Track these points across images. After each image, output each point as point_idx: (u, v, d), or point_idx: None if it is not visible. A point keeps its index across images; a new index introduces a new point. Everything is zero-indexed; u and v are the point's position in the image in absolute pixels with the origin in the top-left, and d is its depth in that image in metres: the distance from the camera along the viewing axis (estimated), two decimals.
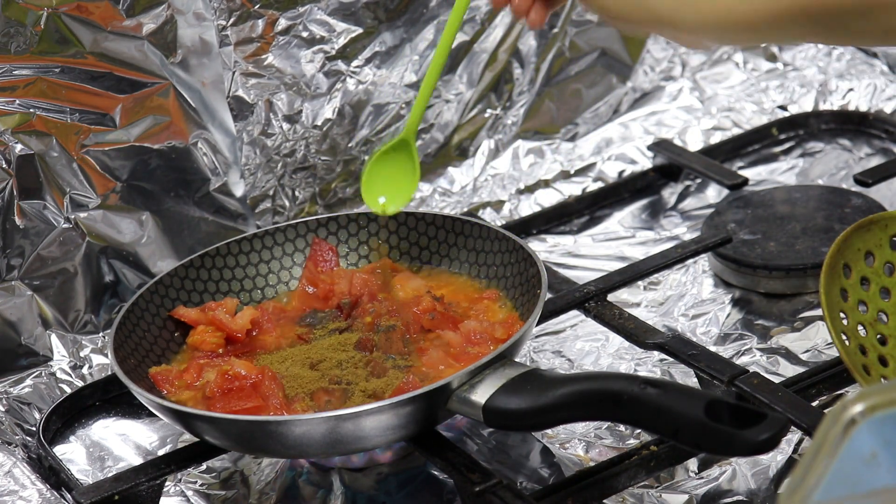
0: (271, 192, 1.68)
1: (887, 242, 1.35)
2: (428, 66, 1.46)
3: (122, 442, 1.43)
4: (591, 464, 1.31)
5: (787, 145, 1.84)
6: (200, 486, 1.36)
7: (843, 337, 1.29)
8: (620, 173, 1.80)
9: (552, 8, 1.39)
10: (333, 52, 1.67)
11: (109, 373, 1.50)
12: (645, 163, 1.81)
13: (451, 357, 1.33)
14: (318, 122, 1.68)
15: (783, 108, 1.89)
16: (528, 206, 1.76)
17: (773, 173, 1.78)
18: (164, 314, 1.42)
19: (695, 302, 1.54)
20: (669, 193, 1.76)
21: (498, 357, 1.24)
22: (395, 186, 1.46)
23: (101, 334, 1.56)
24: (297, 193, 1.69)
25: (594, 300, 1.48)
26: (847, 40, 1.32)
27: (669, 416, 1.12)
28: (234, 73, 1.60)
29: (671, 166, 1.78)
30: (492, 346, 1.32)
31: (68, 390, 1.49)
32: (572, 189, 1.78)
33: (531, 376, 1.21)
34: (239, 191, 1.64)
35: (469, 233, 1.47)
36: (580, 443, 1.35)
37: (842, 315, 1.31)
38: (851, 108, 1.88)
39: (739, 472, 1.28)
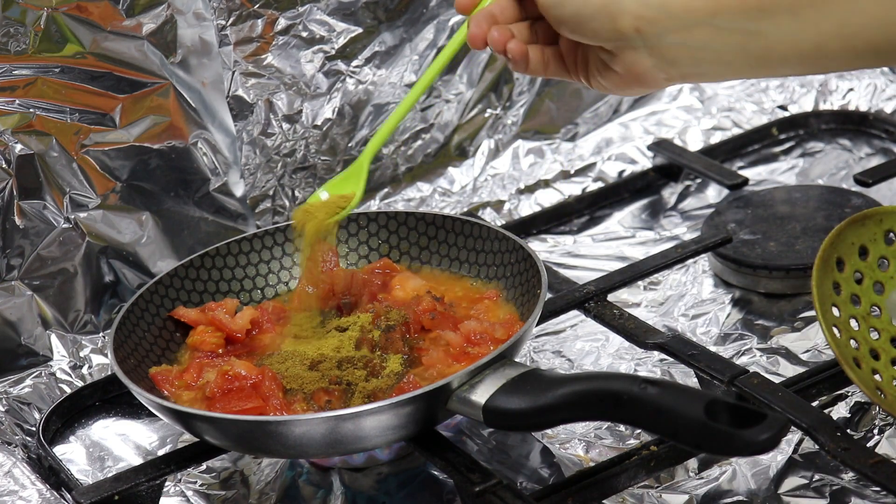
0: (271, 192, 1.68)
1: (882, 237, 1.35)
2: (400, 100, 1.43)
3: (121, 442, 1.43)
4: (591, 464, 1.31)
5: (787, 145, 1.84)
6: (200, 486, 1.36)
7: (835, 330, 1.29)
8: (620, 173, 1.80)
9: (546, 67, 1.29)
10: (333, 52, 1.67)
11: (109, 373, 1.50)
12: (645, 163, 1.81)
13: (451, 357, 1.32)
14: (318, 122, 1.68)
15: (783, 107, 1.89)
16: (528, 206, 1.76)
17: (774, 173, 1.78)
18: (164, 314, 1.42)
19: (695, 302, 1.54)
20: (669, 193, 1.76)
21: (498, 357, 1.24)
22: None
23: (100, 334, 1.56)
24: (296, 193, 1.69)
25: (594, 300, 1.48)
26: None
27: (669, 416, 1.12)
28: (233, 72, 1.60)
29: (671, 166, 1.78)
30: (492, 346, 1.32)
31: (68, 390, 1.49)
32: (572, 189, 1.78)
33: (531, 376, 1.21)
34: (239, 191, 1.64)
35: (469, 233, 1.46)
36: (580, 443, 1.35)
37: (834, 308, 1.31)
38: (851, 107, 1.88)
39: (739, 472, 1.28)
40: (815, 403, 1.32)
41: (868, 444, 1.30)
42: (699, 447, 1.14)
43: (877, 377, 1.29)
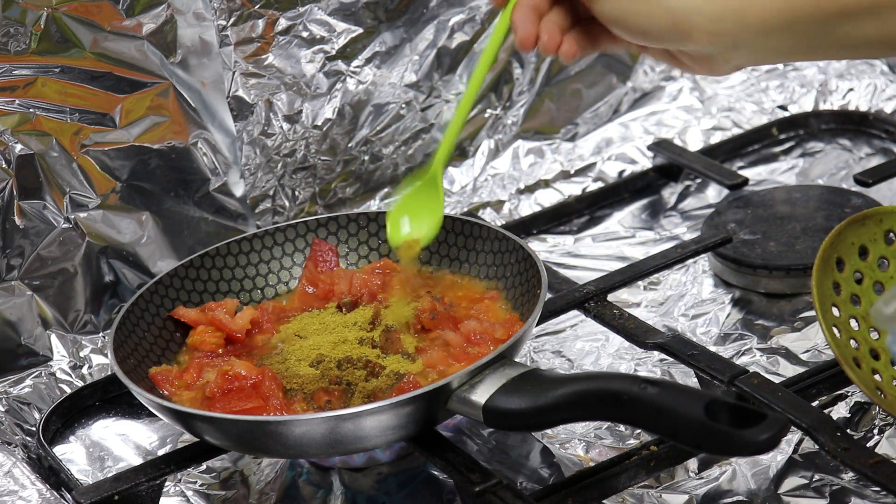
0: (271, 192, 1.68)
1: (882, 237, 1.35)
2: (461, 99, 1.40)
3: (121, 442, 1.43)
4: (591, 464, 1.31)
5: (787, 145, 1.84)
6: (200, 486, 1.36)
7: (835, 330, 1.29)
8: (620, 173, 1.80)
9: (595, 45, 1.28)
10: (333, 52, 1.67)
11: (109, 373, 1.50)
12: (645, 163, 1.81)
13: (451, 357, 1.32)
14: (318, 122, 1.68)
15: (783, 107, 1.89)
16: (528, 206, 1.76)
17: (774, 173, 1.78)
18: (164, 314, 1.42)
19: (695, 302, 1.54)
20: (669, 193, 1.76)
21: (498, 357, 1.24)
22: (419, 220, 1.39)
23: (100, 334, 1.56)
24: (297, 193, 1.69)
25: (594, 300, 1.48)
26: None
27: (669, 416, 1.12)
28: (234, 73, 1.60)
29: (671, 166, 1.78)
30: (492, 346, 1.32)
31: (68, 390, 1.49)
32: (572, 189, 1.78)
33: (531, 376, 1.21)
34: (239, 191, 1.64)
35: (469, 233, 1.46)
36: (580, 443, 1.35)
37: (834, 308, 1.31)
38: (851, 107, 1.88)
39: (739, 472, 1.28)
40: (815, 403, 1.32)
41: (868, 444, 1.30)
42: (699, 447, 1.14)
43: (877, 377, 1.29)
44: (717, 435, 1.10)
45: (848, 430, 1.28)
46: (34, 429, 1.43)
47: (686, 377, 1.41)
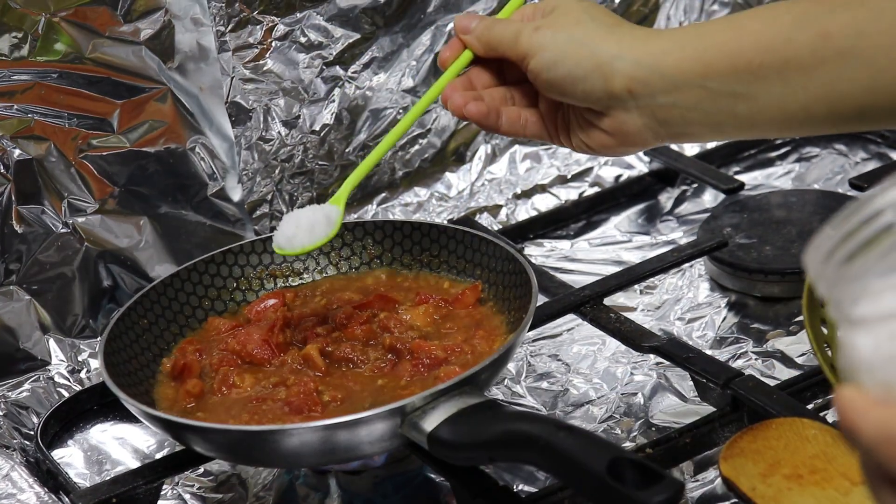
0: (269, 197, 1.68)
1: None
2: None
3: (119, 446, 1.44)
4: None
5: (783, 150, 1.84)
6: (197, 489, 1.36)
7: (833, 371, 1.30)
8: (617, 178, 1.81)
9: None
10: (331, 58, 1.68)
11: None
12: (641, 167, 1.81)
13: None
14: (316, 128, 1.69)
15: None
16: (524, 211, 1.76)
17: (769, 178, 1.79)
18: (163, 323, 1.40)
19: (691, 306, 1.55)
20: (666, 198, 1.76)
21: (460, 383, 1.19)
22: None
23: (98, 339, 1.56)
24: (294, 198, 1.70)
25: (590, 304, 1.48)
26: None
27: (575, 468, 1.06)
28: (232, 78, 1.61)
29: (667, 171, 1.78)
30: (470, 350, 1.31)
31: (66, 394, 1.49)
32: (569, 194, 1.79)
33: (483, 408, 1.15)
34: (236, 196, 1.65)
35: (461, 239, 1.43)
36: None
37: (826, 347, 1.31)
38: None
39: None
40: (809, 406, 1.33)
41: None
42: (599, 503, 1.08)
43: None
44: (613, 494, 1.03)
45: None
46: (32, 433, 1.43)
47: (682, 380, 1.41)
